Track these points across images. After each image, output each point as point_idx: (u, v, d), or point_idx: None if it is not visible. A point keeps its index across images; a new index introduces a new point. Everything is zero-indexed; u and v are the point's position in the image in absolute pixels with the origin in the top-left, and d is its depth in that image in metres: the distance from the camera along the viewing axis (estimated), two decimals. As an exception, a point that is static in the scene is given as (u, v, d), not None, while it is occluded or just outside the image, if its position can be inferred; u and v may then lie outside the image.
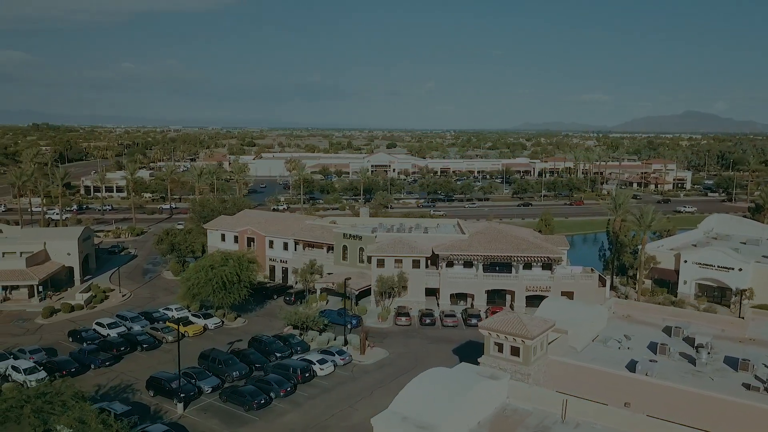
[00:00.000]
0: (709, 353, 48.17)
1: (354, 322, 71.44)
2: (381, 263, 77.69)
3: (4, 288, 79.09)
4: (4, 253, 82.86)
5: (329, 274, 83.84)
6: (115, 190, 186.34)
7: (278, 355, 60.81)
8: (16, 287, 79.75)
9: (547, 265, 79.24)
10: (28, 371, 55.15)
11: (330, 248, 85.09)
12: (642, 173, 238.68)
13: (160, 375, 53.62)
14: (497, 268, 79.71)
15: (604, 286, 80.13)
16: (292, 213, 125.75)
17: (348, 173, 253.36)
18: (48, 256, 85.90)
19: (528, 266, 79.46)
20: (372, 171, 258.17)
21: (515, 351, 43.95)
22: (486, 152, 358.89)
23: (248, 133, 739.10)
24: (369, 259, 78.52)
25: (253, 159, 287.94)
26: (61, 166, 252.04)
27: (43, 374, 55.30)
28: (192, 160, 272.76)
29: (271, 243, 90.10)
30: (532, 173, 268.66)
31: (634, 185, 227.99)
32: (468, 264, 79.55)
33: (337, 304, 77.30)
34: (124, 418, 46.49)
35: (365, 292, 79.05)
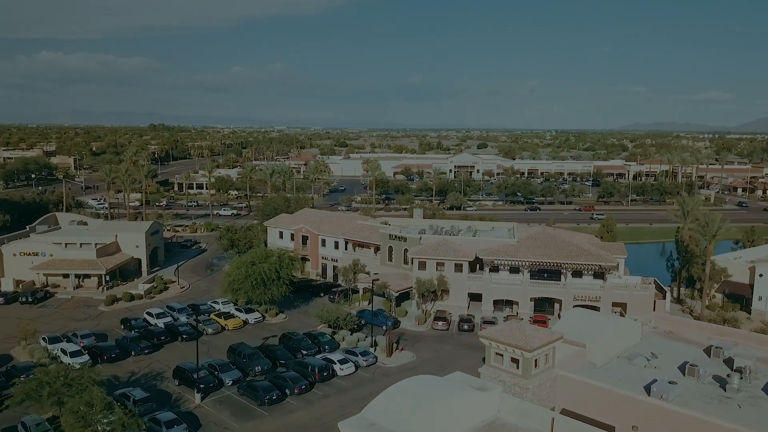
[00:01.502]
0: (742, 377, 43.48)
1: (389, 323, 71.08)
2: (422, 265, 76.76)
3: (77, 276, 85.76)
4: (81, 244, 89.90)
5: (375, 274, 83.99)
6: (205, 187, 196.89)
7: (304, 352, 61.69)
8: (88, 276, 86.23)
9: (599, 274, 74.88)
10: (73, 354, 59.44)
11: (377, 249, 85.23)
12: (749, 178, 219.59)
13: (185, 365, 56.02)
14: (545, 275, 76.36)
15: (664, 298, 74.69)
16: (353, 212, 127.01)
17: (431, 173, 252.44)
18: (119, 247, 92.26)
19: (578, 274, 75.48)
20: (455, 172, 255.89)
21: (515, 363, 41.89)
22: (579, 153, 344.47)
23: (345, 134, 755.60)
24: (411, 260, 77.82)
25: (341, 159, 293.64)
26: (159, 164, 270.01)
27: (86, 358, 59.40)
28: (284, 159, 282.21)
29: (323, 241, 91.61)
30: (626, 176, 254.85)
31: (738, 190, 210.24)
32: (515, 270, 76.77)
33: (381, 304, 77.35)
34: (141, 404, 49.32)
35: (408, 294, 78.49)
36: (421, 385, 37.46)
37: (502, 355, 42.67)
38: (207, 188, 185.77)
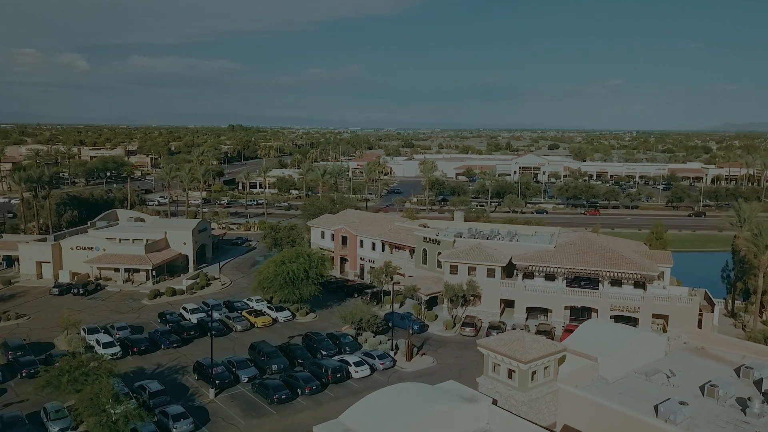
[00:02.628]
0: (765, 402, 39.95)
1: (416, 327, 70.35)
2: (454, 269, 75.48)
3: (127, 270, 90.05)
4: (133, 240, 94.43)
5: (410, 276, 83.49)
6: (266, 187, 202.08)
7: (323, 353, 62.02)
8: (137, 270, 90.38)
9: (640, 284, 71.09)
10: (106, 345, 62.41)
11: (413, 251, 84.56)
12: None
13: (205, 361, 57.54)
14: (582, 283, 73.28)
15: (712, 311, 70.03)
16: (392, 213, 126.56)
17: (494, 175, 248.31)
18: (168, 244, 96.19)
19: (617, 283, 71.98)
20: (519, 173, 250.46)
21: (511, 374, 40.34)
22: (654, 155, 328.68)
23: (416, 135, 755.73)
24: (443, 264, 76.66)
25: (403, 160, 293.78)
26: (229, 163, 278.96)
27: (117, 349, 62.25)
28: (347, 160, 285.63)
29: (361, 242, 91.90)
30: (703, 180, 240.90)
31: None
32: (550, 277, 74.14)
33: (411, 308, 76.77)
34: (155, 397, 51.12)
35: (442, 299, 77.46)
36: (404, 393, 36.79)
37: (499, 366, 41.30)
38: (267, 187, 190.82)
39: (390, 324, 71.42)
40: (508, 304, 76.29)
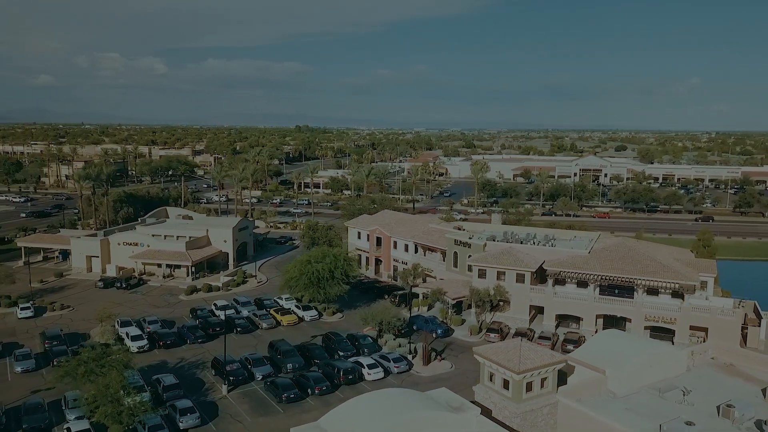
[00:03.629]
0: (784, 427, 36.79)
1: (439, 331, 69.33)
2: (482, 273, 73.83)
3: (168, 266, 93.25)
4: (178, 236, 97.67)
5: (440, 279, 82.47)
6: (321, 187, 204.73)
7: (341, 353, 62.02)
8: (178, 266, 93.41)
9: (679, 294, 67.25)
10: (134, 338, 64.79)
11: (446, 254, 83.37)
12: None
13: (222, 357, 58.67)
14: (616, 291, 70.07)
15: (758, 325, 65.41)
16: (432, 215, 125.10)
17: (553, 177, 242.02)
18: (209, 241, 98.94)
19: (654, 292, 68.40)
20: (580, 175, 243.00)
21: (506, 384, 38.93)
22: (727, 158, 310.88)
23: (481, 135, 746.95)
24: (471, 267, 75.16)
25: (460, 161, 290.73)
26: (289, 163, 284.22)
27: (144, 342, 64.51)
28: (402, 161, 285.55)
29: (395, 244, 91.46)
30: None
31: None
32: (583, 284, 71.32)
33: (439, 311, 75.76)
34: (169, 390, 52.58)
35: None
36: (388, 399, 36.27)
37: (495, 375, 39.98)
38: (322, 188, 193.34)
39: (414, 327, 70.97)
40: (540, 310, 73.94)
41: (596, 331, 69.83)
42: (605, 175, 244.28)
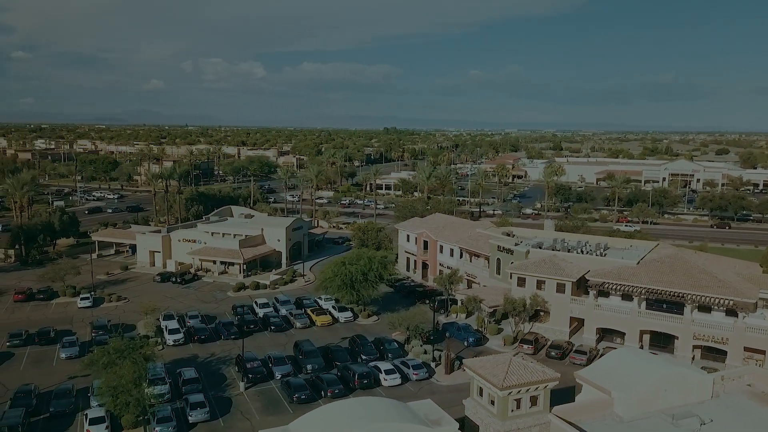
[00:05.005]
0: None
1: (471, 339, 67.36)
2: (521, 282, 71.00)
3: (223, 263, 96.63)
4: (234, 235, 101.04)
5: (483, 286, 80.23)
6: (392, 188, 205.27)
7: (363, 357, 61.64)
8: (232, 264, 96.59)
9: (734, 312, 61.51)
10: (171, 332, 67.57)
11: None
12: None
13: (246, 356, 59.90)
14: (664, 306, 65.13)
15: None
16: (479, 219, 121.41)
17: (640, 181, 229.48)
18: (264, 240, 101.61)
19: (706, 309, 62.94)
20: (668, 180, 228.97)
21: (492, 400, 37.03)
22: None
23: (574, 137, 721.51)
24: (511, 275, 72.48)
25: (543, 163, 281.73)
26: (366, 165, 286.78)
27: (180, 336, 67.13)
28: (480, 163, 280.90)
29: (441, 248, 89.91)
30: None
31: None
32: (628, 296, 66.87)
33: (475, 319, 73.69)
34: (188, 384, 54.39)
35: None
36: (363, 408, 35.65)
37: (483, 390, 38.20)
38: (391, 189, 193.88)
39: (447, 334, 69.39)
40: (583, 323, 70.08)
41: (640, 347, 65.50)
42: (697, 181, 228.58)
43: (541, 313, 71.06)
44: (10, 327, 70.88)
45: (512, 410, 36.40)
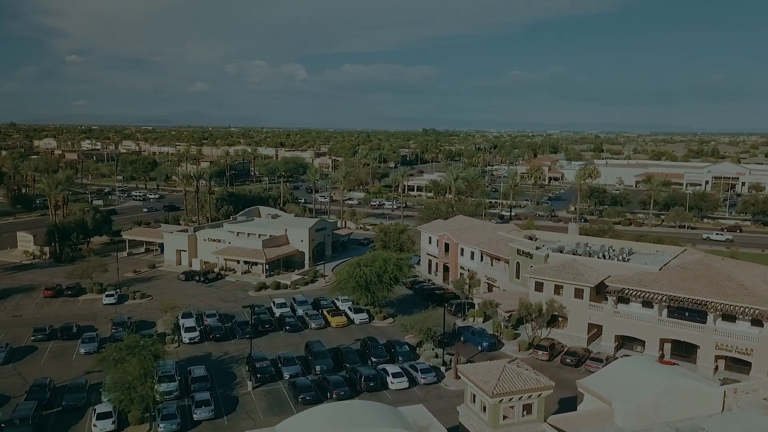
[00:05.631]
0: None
1: (485, 344, 66.27)
2: (539, 287, 69.51)
3: (246, 263, 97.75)
4: (259, 234, 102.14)
5: (503, 290, 78.97)
6: (424, 190, 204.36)
7: (373, 359, 61.35)
8: (255, 263, 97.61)
9: (759, 321, 58.78)
10: (187, 330, 68.64)
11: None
12: None
13: (255, 354, 60.41)
14: (686, 314, 62.74)
15: None
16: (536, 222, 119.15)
17: (681, 184, 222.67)
18: (287, 240, 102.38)
19: (731, 318, 60.36)
20: (711, 183, 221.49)
21: (484, 407, 36.21)
22: None
23: (618, 138, 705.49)
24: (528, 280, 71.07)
25: (581, 165, 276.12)
26: (399, 166, 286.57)
27: (196, 334, 68.14)
28: (514, 164, 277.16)
29: (461, 251, 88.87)
30: None
31: None
32: (649, 303, 64.72)
33: (493, 323, 72.53)
34: (197, 382, 55.11)
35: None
36: (349, 411, 35.34)
37: (476, 396, 37.41)
38: (423, 190, 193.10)
39: (462, 339, 68.66)
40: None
41: (661, 356, 63.37)
42: (742, 184, 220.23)
43: (560, 319, 69.43)
44: (38, 321, 73.23)
45: (504, 418, 35.52)
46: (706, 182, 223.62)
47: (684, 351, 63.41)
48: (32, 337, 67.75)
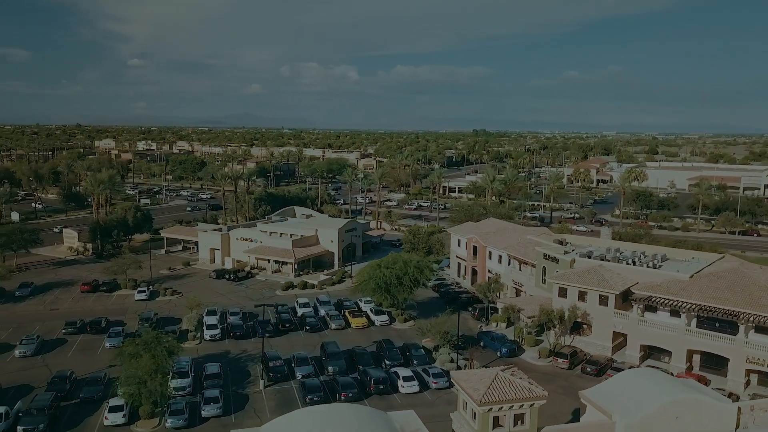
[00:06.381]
0: None
1: (504, 350, 64.82)
2: (563, 292, 67.52)
3: (277, 262, 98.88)
4: (291, 234, 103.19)
5: (529, 295, 77.13)
6: (465, 191, 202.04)
7: (387, 362, 60.89)
8: (285, 263, 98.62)
9: (796, 335, 55.30)
10: (209, 327, 69.91)
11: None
12: None
13: (269, 353, 60.93)
14: (717, 325, 59.63)
15: None
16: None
17: (738, 188, 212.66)
18: (318, 240, 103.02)
19: (765, 330, 57.01)
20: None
21: (474, 415, 35.25)
22: None
23: (677, 140, 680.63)
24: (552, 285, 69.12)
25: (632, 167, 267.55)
26: (444, 167, 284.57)
27: (217, 332, 69.31)
28: (560, 167, 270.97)
29: (489, 254, 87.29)
30: None
31: None
32: (676, 313, 61.87)
33: (515, 329, 70.94)
34: (210, 379, 56.00)
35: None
36: (335, 415, 35.18)
37: (467, 404, 36.48)
38: (464, 192, 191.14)
39: (481, 344, 67.53)
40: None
41: (689, 368, 60.54)
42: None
43: (584, 326, 67.24)
44: (73, 315, 75.96)
45: (493, 427, 34.49)
46: (766, 186, 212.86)
47: (714, 363, 60.30)
48: (63, 330, 70.38)
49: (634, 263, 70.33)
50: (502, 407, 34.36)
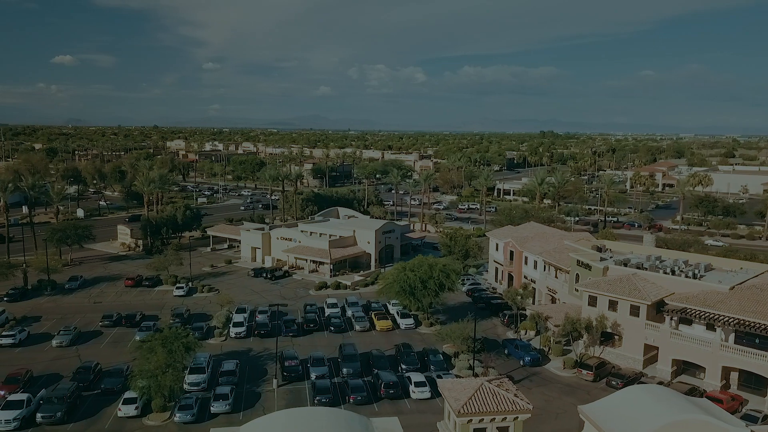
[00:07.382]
0: None
1: (527, 359, 62.68)
2: (593, 301, 64.64)
3: (314, 262, 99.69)
4: (330, 235, 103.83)
5: (563, 303, 74.36)
6: (520, 195, 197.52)
7: (403, 367, 60.05)
8: (322, 263, 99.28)
9: (844, 355, 50.61)
10: (235, 324, 71.16)
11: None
12: None
13: (286, 353, 61.34)
14: (757, 341, 55.41)
15: None
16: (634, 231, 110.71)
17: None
18: (355, 241, 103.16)
19: (809, 349, 52.52)
20: None
21: (455, 426, 34.00)
22: None
23: (757, 144, 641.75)
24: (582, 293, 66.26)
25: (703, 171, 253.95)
26: (504, 169, 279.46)
27: (242, 329, 70.47)
28: (624, 170, 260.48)
29: (525, 259, 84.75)
30: None
31: None
32: (712, 326, 57.97)
33: (542, 337, 68.50)
34: (225, 375, 56.94)
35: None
36: (314, 419, 34.86)
37: (450, 414, 35.29)
38: (519, 195, 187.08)
39: (506, 351, 65.65)
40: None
41: (724, 386, 56.57)
42: None
43: (615, 338, 64.09)
44: (113, 309, 79.14)
45: (478, 439, 33.17)
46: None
47: (755, 383, 56.10)
48: (100, 323, 73.39)
49: (672, 272, 66.41)
50: (483, 419, 33.02)
